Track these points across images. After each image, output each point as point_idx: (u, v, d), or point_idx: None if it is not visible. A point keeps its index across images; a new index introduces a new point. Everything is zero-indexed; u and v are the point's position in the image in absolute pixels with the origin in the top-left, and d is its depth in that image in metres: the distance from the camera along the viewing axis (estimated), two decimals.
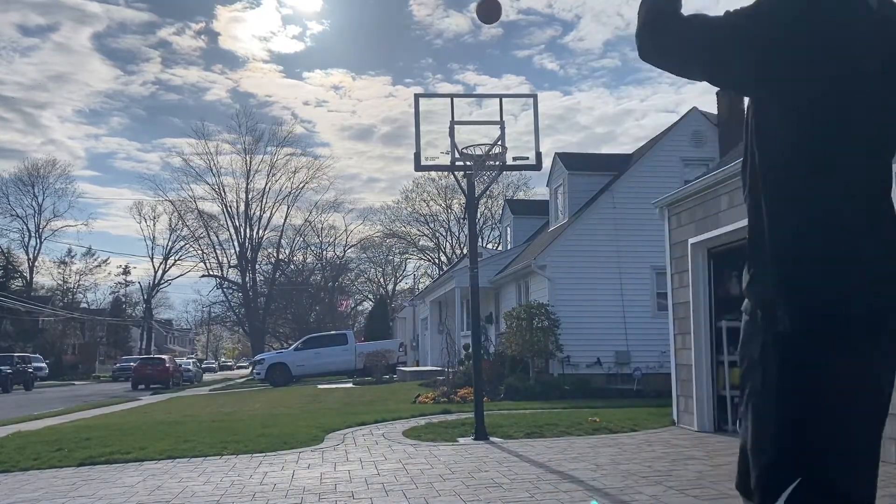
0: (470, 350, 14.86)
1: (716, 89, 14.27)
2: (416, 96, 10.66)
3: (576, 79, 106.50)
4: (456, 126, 10.29)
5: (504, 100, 10.99)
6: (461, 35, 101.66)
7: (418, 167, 10.39)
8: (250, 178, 61.97)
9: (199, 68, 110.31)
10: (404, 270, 68.73)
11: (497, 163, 10.27)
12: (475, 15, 7.97)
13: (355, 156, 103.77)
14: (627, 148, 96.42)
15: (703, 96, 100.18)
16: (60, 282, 69.30)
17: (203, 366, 59.94)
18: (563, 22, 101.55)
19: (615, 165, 21.76)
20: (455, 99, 10.88)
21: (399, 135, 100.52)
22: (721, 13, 1.86)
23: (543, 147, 10.51)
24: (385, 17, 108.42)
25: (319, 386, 25.45)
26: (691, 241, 10.56)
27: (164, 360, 38.91)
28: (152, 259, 70.09)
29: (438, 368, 24.32)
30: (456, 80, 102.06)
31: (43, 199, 66.28)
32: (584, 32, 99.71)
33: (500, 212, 35.06)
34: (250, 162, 62.05)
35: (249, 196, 62.17)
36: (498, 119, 10.50)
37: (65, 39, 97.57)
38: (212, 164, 62.65)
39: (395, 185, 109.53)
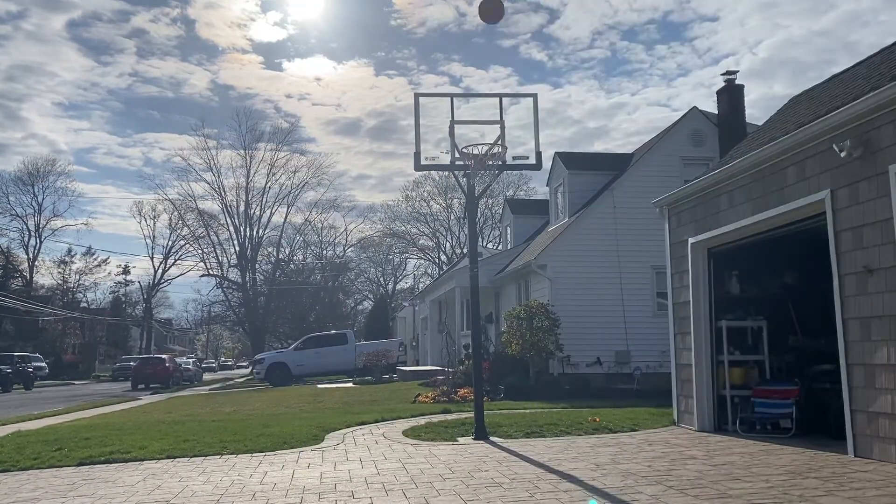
0: (470, 350, 14.86)
1: (712, 85, 14.22)
2: (417, 95, 10.63)
3: (565, 70, 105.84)
4: (447, 124, 10.33)
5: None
6: (445, 24, 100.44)
7: (418, 167, 10.37)
8: (250, 177, 61.94)
9: (177, 59, 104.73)
10: (404, 270, 68.85)
11: (497, 162, 10.27)
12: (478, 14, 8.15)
13: (342, 151, 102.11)
14: (620, 143, 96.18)
15: (695, 90, 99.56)
16: (60, 281, 69.35)
17: (203, 365, 59.94)
18: (549, 9, 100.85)
19: (615, 165, 21.75)
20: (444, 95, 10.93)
21: (387, 128, 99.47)
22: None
23: None
24: (365, 3, 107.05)
25: (319, 385, 25.46)
26: (691, 240, 10.56)
27: (163, 359, 38.86)
28: (152, 258, 70.13)
29: (438, 368, 24.34)
30: (441, 72, 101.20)
31: (43, 199, 66.32)
32: (571, 20, 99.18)
33: (501, 211, 35.05)
34: (250, 161, 61.98)
35: (249, 195, 62.13)
36: (493, 118, 10.53)
37: (35, 28, 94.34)
38: (211, 162, 62.60)
39: (386, 182, 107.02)
